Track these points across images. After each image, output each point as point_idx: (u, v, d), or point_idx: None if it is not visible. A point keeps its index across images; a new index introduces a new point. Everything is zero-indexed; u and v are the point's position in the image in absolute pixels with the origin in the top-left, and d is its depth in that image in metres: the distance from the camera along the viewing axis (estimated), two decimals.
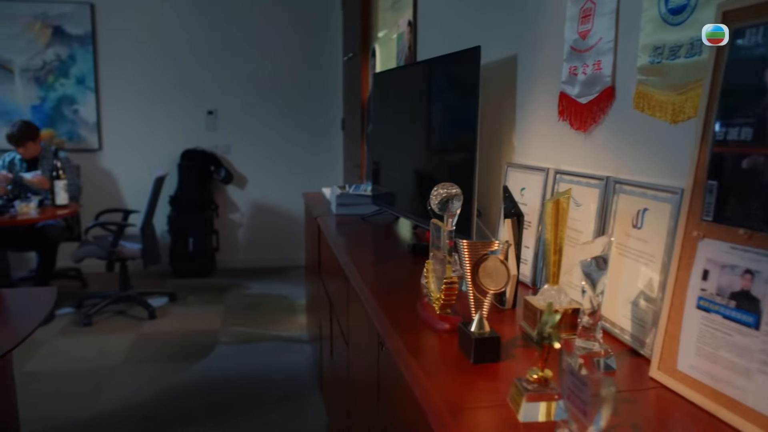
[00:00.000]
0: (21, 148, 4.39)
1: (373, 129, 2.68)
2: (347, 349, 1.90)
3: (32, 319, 1.76)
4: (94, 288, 4.86)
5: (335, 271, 2.12)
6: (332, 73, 5.48)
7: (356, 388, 1.75)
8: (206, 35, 5.28)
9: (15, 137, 4.33)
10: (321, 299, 2.82)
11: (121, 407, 2.92)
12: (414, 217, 2.18)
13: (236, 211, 5.56)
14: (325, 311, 2.65)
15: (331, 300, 2.37)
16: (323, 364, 2.86)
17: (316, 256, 2.88)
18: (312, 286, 3.43)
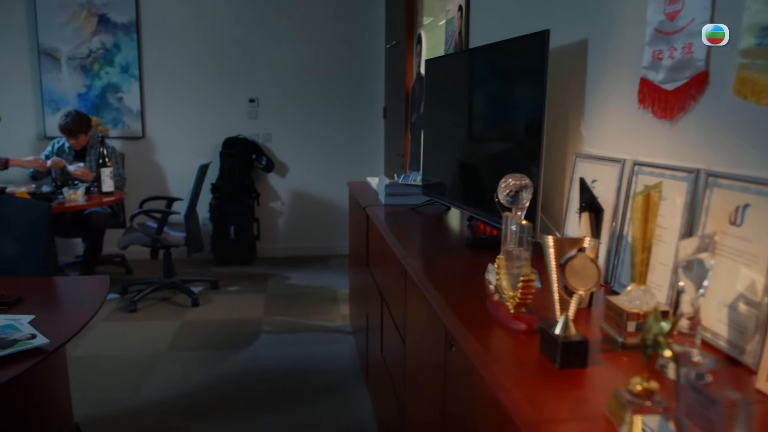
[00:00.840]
0: (73, 140, 4.43)
1: (423, 117, 2.61)
2: (403, 345, 1.85)
3: (87, 308, 1.75)
4: (138, 274, 4.91)
5: (389, 264, 2.07)
6: (374, 61, 5.41)
7: (414, 386, 1.70)
8: (249, 22, 5.26)
9: (68, 128, 4.38)
10: (368, 291, 2.78)
11: (167, 394, 2.92)
12: (469, 209, 2.11)
13: (277, 199, 5.55)
14: (373, 303, 2.60)
15: (382, 292, 2.32)
16: (369, 357, 2.82)
17: (364, 246, 2.83)
18: (357, 276, 3.38)
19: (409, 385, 1.76)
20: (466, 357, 1.13)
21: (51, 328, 1.50)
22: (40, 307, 1.75)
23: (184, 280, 4.42)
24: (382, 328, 2.32)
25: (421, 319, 1.59)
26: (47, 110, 5.16)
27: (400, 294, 1.85)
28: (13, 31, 5.04)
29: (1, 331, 1.43)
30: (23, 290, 1.84)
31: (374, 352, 2.61)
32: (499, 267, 1.29)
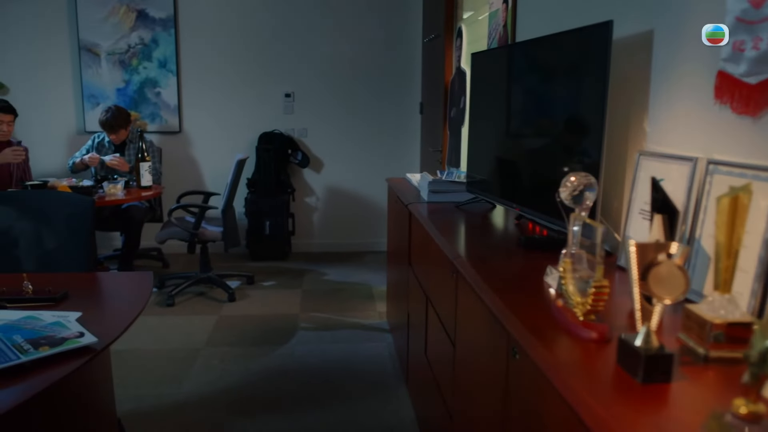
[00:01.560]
0: (113, 135, 4.46)
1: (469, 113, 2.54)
2: (452, 348, 1.79)
3: (132, 305, 1.73)
4: (174, 268, 4.94)
5: (437, 263, 2.01)
6: (410, 55, 5.34)
7: (466, 392, 1.64)
8: (285, 17, 5.23)
9: (108, 124, 4.41)
10: (410, 289, 2.72)
11: (207, 390, 2.91)
12: (518, 207, 2.04)
13: (312, 194, 5.53)
14: (416, 302, 2.54)
15: (426, 292, 2.26)
16: (411, 357, 2.76)
17: (405, 244, 2.78)
18: (396, 274, 3.33)
19: (460, 391, 1.70)
20: (535, 367, 1.07)
21: (97, 326, 1.48)
22: (85, 303, 1.73)
23: (221, 274, 4.42)
24: (426, 329, 2.27)
25: (476, 322, 1.53)
26: (87, 105, 5.21)
27: (450, 295, 1.79)
28: (54, 27, 5.10)
29: (49, 329, 1.41)
30: (68, 286, 1.83)
31: (416, 352, 2.56)
32: (565, 271, 1.22)
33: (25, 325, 1.43)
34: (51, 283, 1.81)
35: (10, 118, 4.23)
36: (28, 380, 1.24)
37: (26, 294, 1.71)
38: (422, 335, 2.35)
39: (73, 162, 4.55)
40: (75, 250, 2.24)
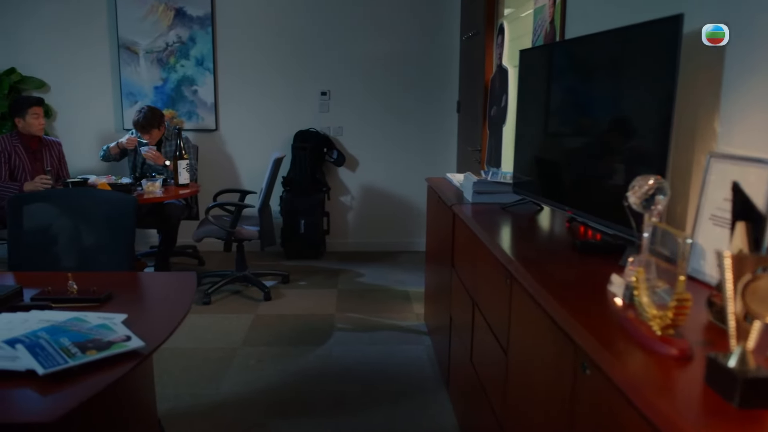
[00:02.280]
0: (146, 135, 4.48)
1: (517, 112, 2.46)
2: (504, 356, 1.71)
3: (177, 307, 1.69)
4: (210, 266, 4.94)
5: (487, 267, 1.94)
6: (448, 53, 5.26)
7: (522, 404, 1.56)
8: (320, 15, 5.20)
9: (140, 124, 4.43)
10: (452, 292, 2.65)
11: (245, 390, 2.89)
12: (571, 210, 1.95)
13: (347, 193, 5.49)
14: (460, 306, 2.47)
15: (473, 296, 2.19)
16: (452, 361, 2.70)
17: (448, 246, 2.71)
18: (436, 275, 3.26)
19: (514, 401, 1.63)
20: (610, 384, 1.00)
21: (143, 329, 1.45)
22: (130, 305, 1.71)
23: (256, 273, 4.40)
24: (472, 334, 2.20)
25: (534, 331, 1.45)
26: (125, 103, 5.25)
27: (503, 301, 1.72)
28: (94, 25, 5.14)
29: (95, 331, 1.39)
30: (111, 286, 1.80)
31: (459, 357, 2.49)
32: (638, 281, 1.15)
33: (72, 327, 1.40)
34: (94, 282, 1.79)
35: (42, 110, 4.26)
36: (76, 385, 1.20)
37: (71, 294, 1.69)
38: (467, 340, 2.28)
39: (107, 148, 4.54)
40: (117, 248, 2.23)
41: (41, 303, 1.64)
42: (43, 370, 1.20)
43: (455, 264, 2.60)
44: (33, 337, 1.33)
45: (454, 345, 2.62)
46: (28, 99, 4.24)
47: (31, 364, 1.23)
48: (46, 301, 1.66)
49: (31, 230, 2.26)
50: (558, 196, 2.09)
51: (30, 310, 1.59)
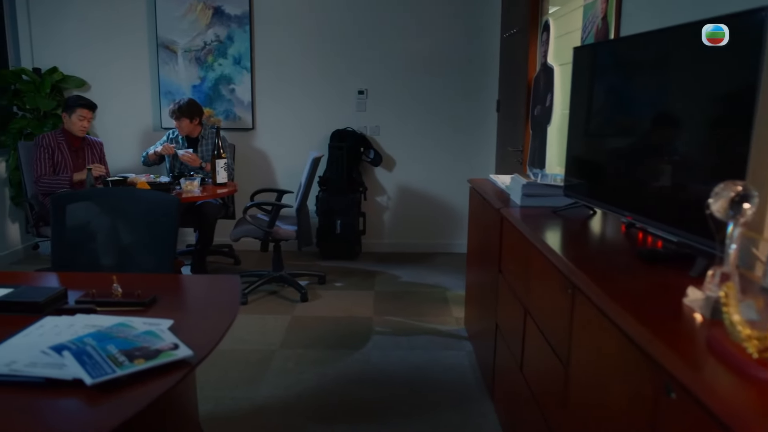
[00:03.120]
0: (177, 123, 4.48)
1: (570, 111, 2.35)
2: (563, 370, 1.62)
3: (223, 312, 1.64)
4: (245, 266, 4.93)
5: (543, 275, 1.85)
6: (488, 51, 5.16)
7: (585, 421, 1.47)
8: (358, 13, 5.14)
9: (172, 111, 4.46)
10: (499, 298, 2.56)
11: (284, 394, 2.84)
12: (631, 215, 1.85)
13: (383, 193, 5.42)
14: (508, 313, 2.38)
15: (524, 304, 2.10)
16: (498, 370, 2.60)
17: (495, 250, 2.61)
18: (479, 279, 3.17)
19: (576, 418, 1.53)
20: (704, 410, 0.90)
21: (189, 335, 1.40)
22: (174, 309, 1.66)
23: (292, 273, 4.36)
24: (523, 343, 2.10)
25: (603, 347, 1.36)
26: (163, 102, 5.26)
27: (562, 312, 1.63)
28: (133, 24, 5.17)
29: (142, 339, 1.34)
30: (155, 288, 1.76)
31: (507, 366, 2.40)
32: (728, 296, 1.05)
33: (118, 334, 1.35)
34: (136, 284, 1.75)
35: (92, 114, 4.32)
36: (125, 397, 1.15)
37: (115, 297, 1.65)
38: (517, 349, 2.19)
39: (146, 154, 4.60)
40: (159, 249, 2.19)
41: (86, 306, 1.60)
42: (91, 379, 1.16)
43: (502, 269, 2.51)
44: (80, 343, 1.29)
45: (501, 353, 2.53)
46: (79, 99, 4.27)
47: (78, 373, 1.18)
48: (90, 304, 1.62)
49: (74, 229, 2.24)
50: (616, 200, 1.98)
51: (75, 313, 1.55)
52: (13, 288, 1.72)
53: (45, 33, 5.15)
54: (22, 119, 4.98)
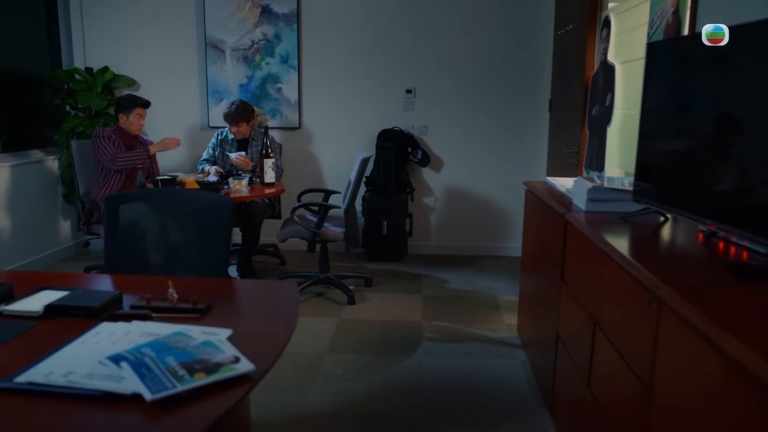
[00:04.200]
0: (234, 128, 4.48)
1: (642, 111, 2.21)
2: (644, 390, 1.50)
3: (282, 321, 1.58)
4: (291, 266, 4.89)
5: (618, 287, 1.73)
6: (540, 49, 5.00)
7: None
8: (407, 10, 5.05)
9: (231, 116, 4.43)
10: (561, 307, 2.44)
11: (334, 401, 2.77)
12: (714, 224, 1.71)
13: (430, 194, 5.32)
14: (573, 325, 2.26)
15: (593, 316, 1.98)
16: (558, 382, 2.48)
17: (557, 256, 2.49)
18: (536, 286, 3.05)
19: None
20: None
21: (248, 346, 1.33)
22: (231, 317, 1.60)
23: (339, 275, 4.30)
24: (591, 357, 1.98)
25: (701, 372, 1.24)
26: (211, 101, 5.27)
27: (643, 328, 1.50)
28: (182, 24, 5.19)
29: (201, 350, 1.27)
30: (210, 293, 1.71)
31: (570, 379, 2.27)
32: None
33: (177, 344, 1.29)
34: (190, 289, 1.70)
35: (146, 112, 4.37)
36: (186, 414, 1.09)
37: (171, 303, 1.60)
38: (583, 363, 2.06)
39: (202, 168, 4.58)
40: (212, 252, 2.14)
41: (142, 312, 1.55)
42: (151, 395, 1.09)
43: (566, 277, 2.38)
44: (137, 354, 1.23)
45: (562, 364, 2.41)
46: (136, 99, 4.32)
47: (137, 387, 1.12)
48: (146, 310, 1.57)
49: (128, 230, 2.21)
50: (697, 206, 1.84)
51: (131, 319, 1.50)
52: (67, 291, 1.68)
53: (97, 33, 5.21)
54: (75, 118, 5.04)
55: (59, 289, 1.70)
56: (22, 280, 1.85)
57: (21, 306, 1.58)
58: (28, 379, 1.18)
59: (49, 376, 1.18)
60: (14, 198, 4.52)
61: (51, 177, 4.99)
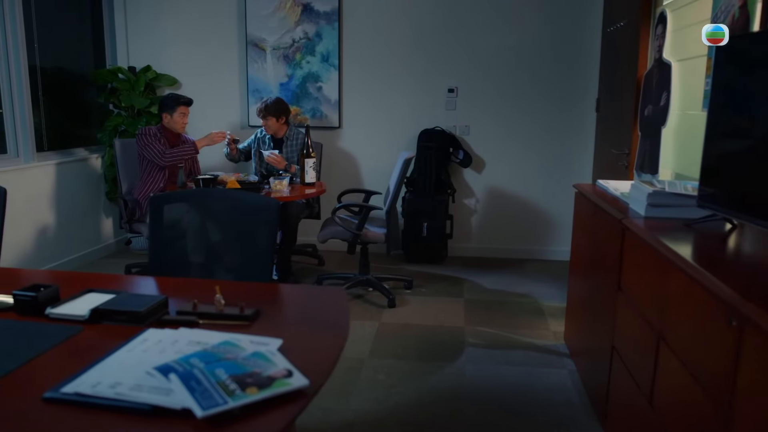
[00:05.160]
0: (264, 122, 4.44)
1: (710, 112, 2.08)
2: (720, 415, 1.39)
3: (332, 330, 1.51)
4: (329, 267, 4.84)
5: (689, 299, 1.61)
6: (586, 46, 4.86)
7: None
8: (449, 8, 4.95)
9: (259, 110, 4.41)
10: (614, 316, 2.32)
11: (375, 408, 2.70)
12: None
13: (471, 196, 5.21)
14: (632, 336, 2.14)
15: (658, 330, 1.86)
16: (613, 395, 2.36)
17: (613, 264, 2.37)
18: (587, 293, 2.93)
19: None
20: None
21: (300, 358, 1.26)
22: (280, 325, 1.54)
23: (379, 277, 4.23)
24: (654, 374, 1.87)
25: None
26: (251, 100, 5.25)
27: (722, 347, 1.39)
28: (224, 22, 5.18)
29: (252, 362, 1.21)
30: (256, 300, 1.65)
31: (628, 394, 2.16)
32: None
33: (227, 355, 1.23)
34: (236, 293, 1.65)
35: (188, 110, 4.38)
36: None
37: (218, 309, 1.54)
38: (645, 379, 1.95)
39: (227, 150, 4.59)
40: (257, 255, 2.08)
41: (188, 319, 1.50)
42: (202, 411, 1.03)
43: (623, 286, 2.27)
44: (186, 365, 1.18)
45: (619, 378, 2.29)
46: (179, 98, 4.33)
47: (187, 402, 1.06)
48: (192, 316, 1.52)
49: (171, 230, 2.18)
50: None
51: (178, 326, 1.45)
52: (113, 294, 1.64)
53: (140, 32, 5.25)
54: (118, 117, 5.08)
55: (104, 292, 1.66)
56: (67, 281, 1.83)
57: (67, 309, 1.54)
58: (75, 389, 1.13)
59: (97, 386, 1.13)
60: (59, 195, 4.57)
61: (94, 175, 5.04)
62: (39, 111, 4.50)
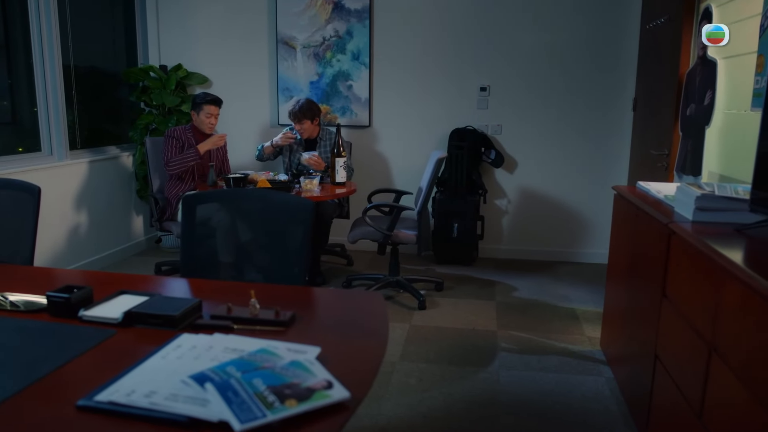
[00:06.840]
0: (298, 125, 4.41)
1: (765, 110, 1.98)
2: None
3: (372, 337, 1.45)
4: (358, 267, 4.79)
5: (748, 311, 1.52)
6: (623, 44, 4.73)
7: None
8: (481, 5, 4.86)
9: (294, 114, 4.37)
10: (658, 324, 2.23)
11: (407, 413, 2.64)
12: None
13: (502, 196, 5.12)
14: (679, 347, 2.05)
15: (710, 342, 1.77)
16: (655, 407, 2.27)
17: (658, 270, 2.28)
18: (626, 299, 2.83)
19: None
20: None
21: (339, 367, 1.21)
22: (317, 332, 1.49)
23: (409, 279, 4.17)
24: (705, 387, 1.78)
25: None
26: (281, 98, 5.23)
27: None
28: (254, 21, 5.17)
29: (291, 372, 1.16)
30: (291, 304, 1.60)
31: (673, 406, 2.07)
32: None
33: (264, 364, 1.19)
34: (269, 297, 1.60)
35: (218, 110, 4.36)
36: None
37: (253, 314, 1.50)
38: (694, 392, 1.86)
39: (261, 147, 4.57)
40: (291, 257, 2.04)
41: (223, 324, 1.46)
42: (240, 425, 0.99)
43: (669, 293, 2.17)
44: (222, 374, 1.13)
45: (663, 390, 2.20)
46: (206, 96, 4.32)
47: (224, 414, 1.02)
48: (227, 321, 1.48)
49: (203, 230, 2.14)
50: None
51: (213, 331, 1.41)
52: (146, 296, 1.61)
53: (171, 31, 5.26)
54: (149, 115, 5.10)
55: (137, 294, 1.63)
56: (100, 282, 1.80)
57: (100, 312, 1.51)
58: (109, 398, 1.09)
59: (131, 395, 1.10)
60: (91, 193, 4.60)
61: (125, 173, 5.07)
62: (72, 110, 4.53)
